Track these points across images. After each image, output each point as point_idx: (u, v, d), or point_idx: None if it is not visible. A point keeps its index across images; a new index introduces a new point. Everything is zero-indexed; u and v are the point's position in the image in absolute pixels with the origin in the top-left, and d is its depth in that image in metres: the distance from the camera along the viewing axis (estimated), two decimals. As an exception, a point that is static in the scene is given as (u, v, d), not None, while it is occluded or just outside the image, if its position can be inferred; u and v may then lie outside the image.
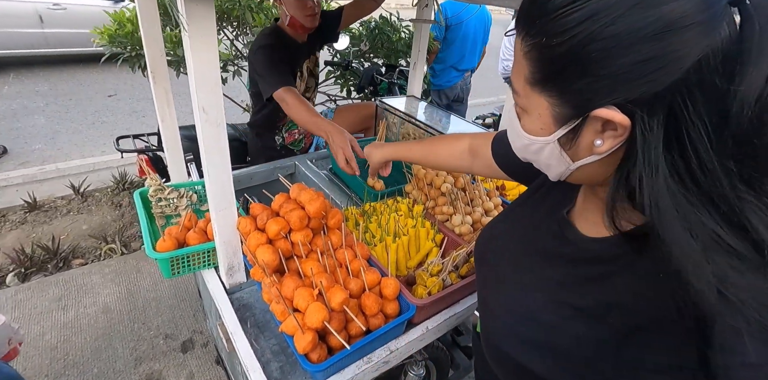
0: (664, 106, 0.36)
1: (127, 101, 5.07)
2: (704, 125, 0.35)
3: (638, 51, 0.35)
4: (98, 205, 3.01)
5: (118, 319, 2.09)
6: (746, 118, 0.34)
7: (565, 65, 0.40)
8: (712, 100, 0.35)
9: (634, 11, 0.35)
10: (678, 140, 0.37)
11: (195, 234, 1.13)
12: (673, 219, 0.37)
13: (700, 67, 0.34)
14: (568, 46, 0.38)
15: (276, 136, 2.10)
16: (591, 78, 0.39)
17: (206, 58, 0.84)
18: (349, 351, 0.83)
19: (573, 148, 0.45)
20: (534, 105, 0.45)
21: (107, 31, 2.30)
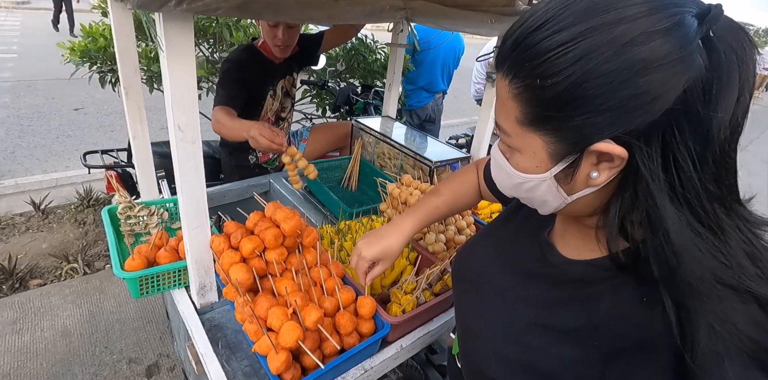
0: (658, 134, 0.39)
1: (95, 115, 4.94)
2: (689, 150, 0.39)
3: (634, 85, 0.38)
4: (60, 223, 2.89)
5: (78, 343, 1.99)
6: (722, 140, 0.38)
7: (562, 104, 0.41)
8: (696, 126, 0.38)
9: (626, 49, 0.37)
10: (669, 165, 0.40)
11: (166, 252, 1.11)
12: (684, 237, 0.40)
13: (686, 97, 0.38)
14: (564, 86, 0.40)
15: (249, 155, 2.09)
16: (589, 114, 0.40)
17: (183, 77, 0.85)
18: (324, 370, 0.82)
19: (570, 183, 0.46)
20: (528, 144, 0.46)
21: (79, 47, 2.26)
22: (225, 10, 0.81)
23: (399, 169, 1.74)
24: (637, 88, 0.38)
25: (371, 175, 1.69)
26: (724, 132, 0.38)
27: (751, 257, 0.40)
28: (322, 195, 1.62)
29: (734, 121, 0.38)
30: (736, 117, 0.38)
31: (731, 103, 0.38)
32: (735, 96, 0.37)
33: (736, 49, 0.38)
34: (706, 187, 0.40)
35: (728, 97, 0.38)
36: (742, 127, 0.40)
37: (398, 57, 1.89)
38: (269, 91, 1.89)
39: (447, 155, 1.62)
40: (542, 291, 0.56)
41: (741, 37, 0.38)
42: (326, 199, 1.60)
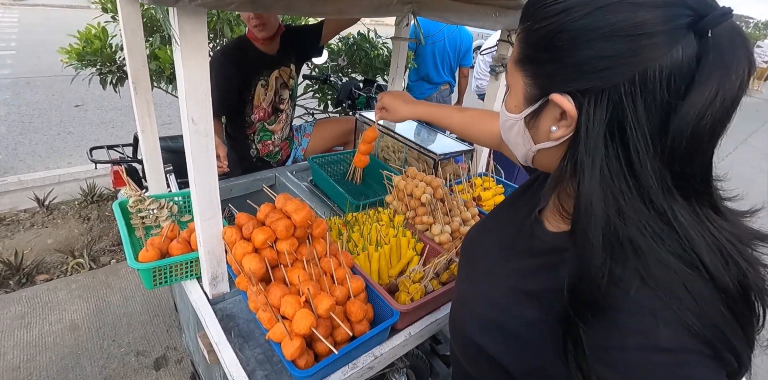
0: (609, 102, 0.42)
1: (96, 111, 4.95)
2: (643, 128, 0.41)
3: (596, 47, 0.41)
4: (64, 218, 2.91)
5: (86, 337, 2.01)
6: (683, 135, 0.40)
7: (539, 48, 0.47)
8: (653, 108, 0.40)
9: (600, 13, 0.41)
10: (619, 135, 0.42)
11: (178, 244, 1.13)
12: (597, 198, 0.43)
13: (646, 76, 0.40)
14: (544, 32, 0.45)
15: (250, 148, 2.11)
16: (555, 64, 0.45)
17: (197, 71, 0.86)
18: (337, 355, 0.84)
19: (534, 129, 0.51)
20: (515, 82, 0.52)
21: (75, 51, 2.27)
22: (237, 5, 0.82)
23: (403, 162, 1.76)
24: (595, 52, 0.41)
25: (376, 168, 1.71)
26: (685, 125, 0.39)
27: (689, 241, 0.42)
28: (329, 188, 1.64)
29: (703, 123, 0.39)
30: (706, 120, 0.39)
31: (701, 103, 0.39)
32: (707, 98, 0.39)
33: (725, 56, 0.39)
34: (657, 169, 0.41)
35: (698, 97, 0.39)
36: (716, 131, 0.41)
37: (402, 51, 1.90)
38: (259, 81, 1.88)
39: (451, 148, 1.64)
40: (522, 261, 0.60)
41: (737, 47, 0.39)
42: (332, 192, 1.62)
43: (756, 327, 0.45)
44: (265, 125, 2.05)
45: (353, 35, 3.00)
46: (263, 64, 1.90)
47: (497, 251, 0.68)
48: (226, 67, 1.79)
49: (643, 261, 0.42)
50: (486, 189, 1.61)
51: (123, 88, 2.35)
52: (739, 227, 0.46)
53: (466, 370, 0.67)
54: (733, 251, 0.43)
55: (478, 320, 0.61)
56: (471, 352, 0.62)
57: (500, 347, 0.56)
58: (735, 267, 0.42)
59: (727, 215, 0.46)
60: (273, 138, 2.14)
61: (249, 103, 1.95)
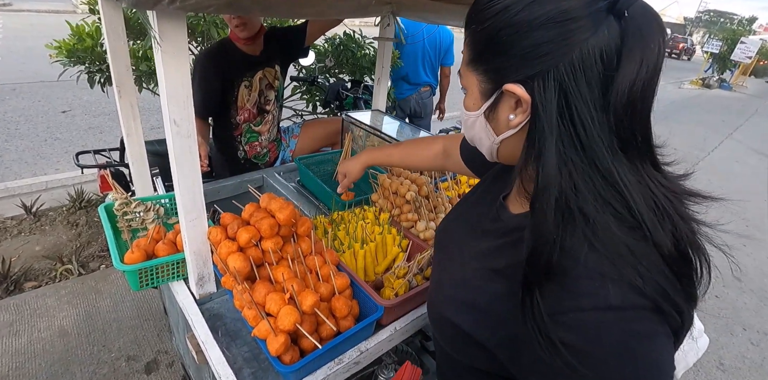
0: (555, 83, 0.47)
1: (83, 117, 4.91)
2: (586, 101, 0.46)
3: (534, 36, 0.47)
4: (52, 225, 2.88)
5: (75, 343, 2.00)
6: (621, 102, 0.45)
7: (485, 47, 0.52)
8: (593, 82, 0.46)
9: (532, 6, 0.47)
10: (567, 111, 0.47)
11: (164, 245, 1.14)
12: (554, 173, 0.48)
13: (581, 56, 0.45)
14: (488, 32, 0.51)
15: (238, 150, 2.11)
16: (503, 57, 0.50)
17: (178, 73, 0.87)
18: (322, 350, 0.86)
19: (494, 122, 0.56)
20: (469, 83, 0.57)
21: (65, 46, 2.26)
22: (216, 8, 0.83)
23: (389, 161, 1.78)
24: (535, 40, 0.47)
25: (362, 167, 1.72)
26: (621, 93, 0.45)
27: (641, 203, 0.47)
28: (315, 188, 1.65)
29: (635, 89, 0.45)
30: (636, 86, 0.45)
31: (630, 73, 0.44)
32: (635, 68, 0.44)
33: (643, 31, 0.45)
34: (603, 136, 0.46)
35: (627, 68, 0.44)
36: (647, 94, 0.47)
37: (386, 51, 1.93)
38: (243, 83, 1.89)
39: (436, 146, 1.66)
40: (489, 242, 0.64)
41: (650, 23, 0.45)
42: (319, 191, 1.63)
43: (696, 281, 0.49)
44: (251, 126, 2.05)
45: (339, 36, 3.01)
46: (246, 65, 1.90)
47: (466, 236, 0.71)
48: (208, 68, 1.80)
49: (591, 227, 0.47)
50: (471, 186, 1.63)
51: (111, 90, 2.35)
52: (674, 184, 0.51)
53: (448, 353, 0.69)
54: (668, 206, 0.48)
55: (452, 300, 0.64)
56: (448, 332, 0.65)
57: (474, 323, 0.59)
58: (669, 221, 0.47)
59: (665, 173, 0.52)
60: (260, 139, 2.14)
61: (233, 105, 1.96)
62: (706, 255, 0.49)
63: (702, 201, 0.52)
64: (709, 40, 16.53)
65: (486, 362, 0.60)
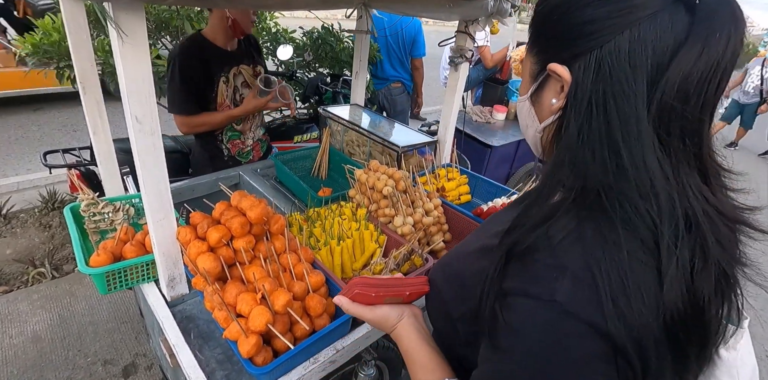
0: (597, 64, 0.44)
1: (56, 114, 4.76)
2: (625, 88, 0.42)
3: (583, 14, 0.45)
4: (24, 227, 2.79)
5: (49, 348, 1.94)
6: (670, 94, 0.41)
7: (539, 28, 0.52)
8: (638, 68, 0.42)
9: None
10: (603, 97, 0.44)
11: (132, 247, 1.10)
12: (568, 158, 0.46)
13: (630, 38, 0.42)
14: (544, 11, 0.51)
15: (221, 148, 2.06)
16: (552, 36, 0.49)
17: (138, 68, 0.84)
18: (294, 351, 0.84)
19: (538, 106, 0.54)
20: (526, 66, 0.56)
21: (30, 41, 2.17)
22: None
23: (368, 155, 1.76)
24: (583, 18, 0.45)
25: (340, 162, 1.70)
26: (670, 86, 0.41)
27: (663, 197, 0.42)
28: (292, 184, 1.62)
29: (690, 81, 0.41)
30: (692, 78, 0.40)
31: (686, 62, 0.40)
32: (692, 57, 0.40)
33: (713, 16, 0.41)
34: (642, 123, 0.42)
35: (684, 56, 0.40)
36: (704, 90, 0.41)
37: (363, 44, 1.89)
38: (221, 78, 1.85)
39: (414, 140, 1.64)
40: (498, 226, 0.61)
41: (724, 8, 0.41)
42: (296, 188, 1.60)
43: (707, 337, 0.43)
44: (233, 125, 2.01)
45: (317, 29, 2.96)
46: (222, 59, 1.85)
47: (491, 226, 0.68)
48: (185, 63, 1.74)
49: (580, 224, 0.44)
50: (450, 179, 1.62)
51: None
52: (727, 206, 0.45)
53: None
54: (706, 223, 0.41)
55: (447, 269, 0.65)
56: (434, 303, 0.66)
57: (454, 294, 0.61)
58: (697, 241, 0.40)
59: (716, 189, 0.45)
60: (242, 138, 2.09)
61: (213, 102, 1.91)
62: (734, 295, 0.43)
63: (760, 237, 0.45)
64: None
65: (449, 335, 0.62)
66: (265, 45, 2.99)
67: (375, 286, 0.66)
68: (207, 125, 1.85)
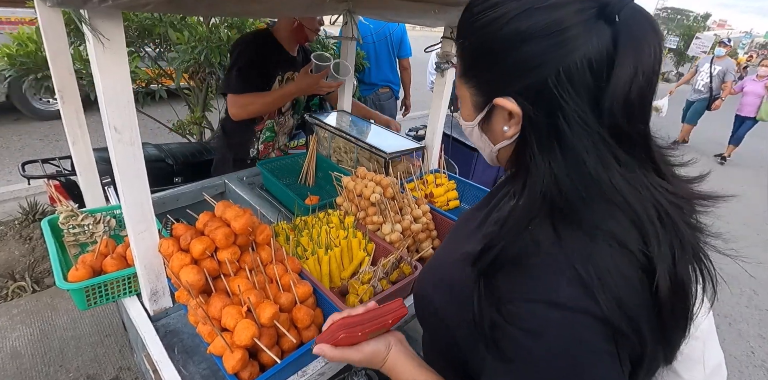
0: (545, 96, 0.46)
1: (36, 125, 4.67)
2: (576, 114, 0.45)
3: (522, 50, 0.46)
4: (3, 240, 2.71)
5: (29, 364, 1.88)
6: (616, 111, 0.44)
7: (474, 60, 0.52)
8: (583, 93, 0.45)
9: (517, 19, 0.46)
10: (557, 124, 0.46)
11: (113, 260, 1.07)
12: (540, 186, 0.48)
13: (570, 67, 0.44)
14: (477, 45, 0.51)
15: (251, 148, 2.02)
16: (492, 71, 0.50)
17: (116, 76, 0.82)
18: (281, 365, 0.81)
19: (489, 132, 0.56)
20: (463, 95, 0.57)
21: (4, 52, 2.12)
22: (155, 6, 0.78)
23: (355, 162, 1.74)
24: (522, 54, 0.46)
25: (328, 169, 1.68)
26: (614, 101, 0.44)
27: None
28: (278, 192, 1.60)
29: (631, 96, 0.44)
30: (633, 93, 0.44)
31: (624, 80, 0.43)
32: (628, 75, 0.43)
33: (636, 35, 0.44)
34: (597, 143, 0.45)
35: (620, 75, 0.43)
36: (645, 100, 0.45)
37: (350, 50, 1.89)
38: (278, 75, 1.83)
39: (401, 146, 1.64)
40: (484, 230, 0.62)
41: (644, 26, 0.44)
42: (282, 196, 1.58)
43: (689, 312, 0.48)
44: (274, 125, 1.97)
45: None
46: (283, 59, 1.84)
47: (467, 225, 0.69)
48: (250, 50, 1.73)
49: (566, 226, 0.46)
50: (438, 185, 1.62)
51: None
52: (684, 189, 0.50)
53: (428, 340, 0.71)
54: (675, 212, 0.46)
55: (434, 278, 0.66)
56: (426, 310, 0.66)
57: (445, 301, 0.61)
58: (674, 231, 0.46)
59: (671, 179, 0.50)
60: (274, 140, 2.05)
61: None
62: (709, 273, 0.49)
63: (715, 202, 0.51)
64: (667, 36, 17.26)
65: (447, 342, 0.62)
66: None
67: (358, 324, 0.63)
68: (257, 104, 1.75)
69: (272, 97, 1.77)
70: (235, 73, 1.71)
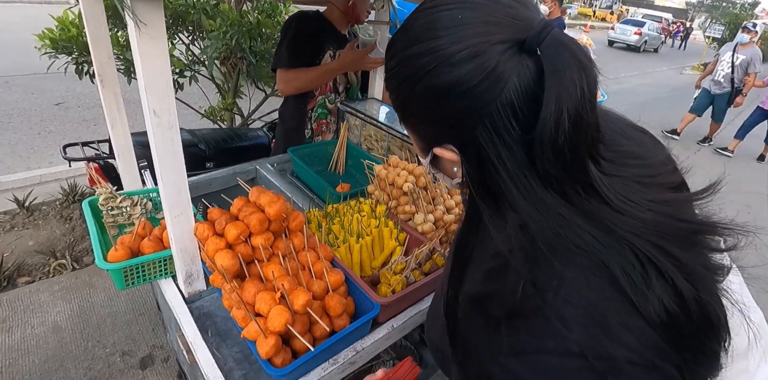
0: (474, 147, 0.44)
1: (76, 109, 4.83)
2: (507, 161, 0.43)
3: (440, 107, 0.44)
4: (46, 219, 2.84)
5: (69, 339, 1.97)
6: (548, 155, 0.41)
7: (402, 114, 0.51)
8: (510, 139, 0.42)
9: (427, 79, 0.43)
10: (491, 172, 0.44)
11: (150, 242, 1.09)
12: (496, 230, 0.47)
13: (493, 117, 0.41)
14: (399, 102, 0.50)
15: (305, 128, 2.01)
16: (420, 126, 0.50)
17: (156, 60, 0.81)
18: (314, 352, 0.81)
19: (444, 171, 0.56)
20: (411, 136, 0.56)
21: (49, 36, 2.18)
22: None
23: (386, 150, 1.72)
24: (442, 110, 0.44)
25: (358, 157, 1.67)
26: (544, 147, 0.40)
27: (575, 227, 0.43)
28: (309, 179, 1.60)
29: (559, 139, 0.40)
30: (558, 136, 0.40)
31: (547, 121, 0.39)
32: (551, 114, 0.39)
33: (555, 67, 0.39)
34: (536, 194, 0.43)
35: (544, 114, 0.39)
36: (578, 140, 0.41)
37: (382, 36, 1.85)
38: (328, 51, 1.83)
39: (434, 136, 1.60)
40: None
41: (561, 56, 0.40)
42: (313, 183, 1.58)
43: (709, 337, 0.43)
44: (326, 101, 1.97)
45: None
46: (334, 36, 1.84)
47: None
48: (302, 26, 1.74)
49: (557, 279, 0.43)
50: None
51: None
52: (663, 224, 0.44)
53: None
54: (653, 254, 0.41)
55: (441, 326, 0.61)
56: (440, 359, 0.63)
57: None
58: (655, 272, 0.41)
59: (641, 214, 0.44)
60: (328, 118, 2.05)
61: None
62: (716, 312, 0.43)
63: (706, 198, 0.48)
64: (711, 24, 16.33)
65: None
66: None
67: None
68: (301, 79, 1.76)
69: (317, 72, 1.77)
70: (285, 49, 1.72)
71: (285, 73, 1.75)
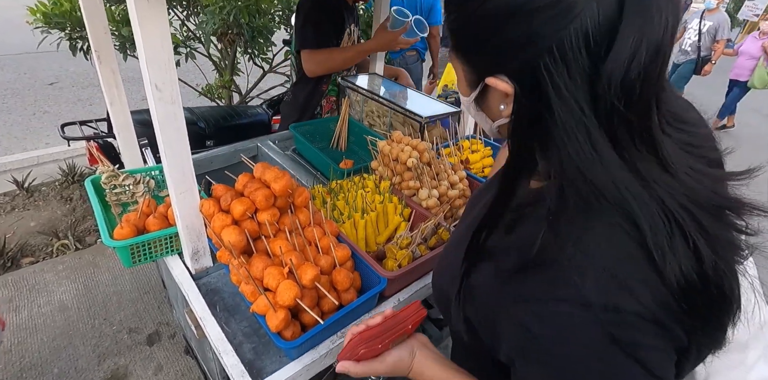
0: (535, 76, 0.40)
1: (71, 89, 4.75)
2: (569, 97, 0.39)
3: (506, 29, 0.41)
4: (46, 200, 2.83)
5: (76, 317, 2.00)
6: (613, 93, 0.38)
7: (461, 38, 0.48)
8: (577, 73, 0.38)
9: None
10: (548, 108, 0.40)
11: (155, 219, 1.08)
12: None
13: (563, 44, 0.38)
14: (460, 23, 0.46)
15: (316, 106, 2.00)
16: (479, 51, 0.46)
17: (156, 32, 0.79)
18: (323, 325, 0.82)
19: (486, 110, 0.53)
20: (456, 68, 0.53)
21: (41, 10, 2.11)
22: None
23: (389, 126, 1.70)
24: (507, 34, 0.41)
25: (360, 133, 1.65)
26: (614, 83, 0.38)
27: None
28: (312, 156, 1.59)
29: (630, 75, 0.37)
30: (632, 71, 0.37)
31: (622, 55, 0.37)
32: (628, 48, 0.36)
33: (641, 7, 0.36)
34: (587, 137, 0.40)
35: (619, 48, 0.37)
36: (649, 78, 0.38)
37: (383, 10, 1.81)
38: (346, 29, 1.80)
39: (437, 110, 1.58)
40: None
41: None
42: (316, 160, 1.56)
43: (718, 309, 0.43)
44: (339, 79, 1.95)
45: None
46: (348, 11, 1.81)
47: (474, 209, 0.67)
48: (320, 3, 1.70)
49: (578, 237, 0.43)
50: (474, 151, 1.57)
51: (93, 60, 2.22)
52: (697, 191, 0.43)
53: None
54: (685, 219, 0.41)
55: (448, 271, 0.62)
56: (447, 304, 0.62)
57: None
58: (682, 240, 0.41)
59: (680, 176, 0.43)
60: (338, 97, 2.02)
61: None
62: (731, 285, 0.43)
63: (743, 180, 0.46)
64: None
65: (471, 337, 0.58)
66: (277, 13, 2.88)
67: (378, 336, 0.62)
68: (336, 60, 1.73)
69: (352, 53, 1.73)
70: (310, 28, 1.67)
71: (314, 54, 1.70)
